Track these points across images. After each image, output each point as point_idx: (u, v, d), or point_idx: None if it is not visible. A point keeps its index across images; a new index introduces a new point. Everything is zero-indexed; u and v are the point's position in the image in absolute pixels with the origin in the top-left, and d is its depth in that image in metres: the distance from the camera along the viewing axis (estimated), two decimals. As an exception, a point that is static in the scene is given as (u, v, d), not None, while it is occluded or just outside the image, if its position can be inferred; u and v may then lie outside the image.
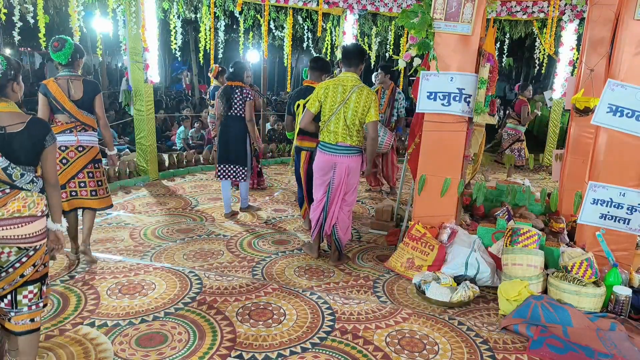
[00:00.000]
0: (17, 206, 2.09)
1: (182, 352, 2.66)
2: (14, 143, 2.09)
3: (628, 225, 3.42)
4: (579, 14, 7.37)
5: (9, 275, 2.09)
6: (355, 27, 8.09)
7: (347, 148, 3.67)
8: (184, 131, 9.31)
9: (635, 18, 3.27)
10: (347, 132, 3.62)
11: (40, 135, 2.16)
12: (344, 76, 3.66)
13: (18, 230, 2.08)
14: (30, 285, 2.19)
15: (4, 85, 2.13)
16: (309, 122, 3.79)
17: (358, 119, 3.60)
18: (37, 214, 2.13)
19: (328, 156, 3.71)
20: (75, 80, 3.53)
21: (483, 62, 3.68)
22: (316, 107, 3.70)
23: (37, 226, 2.14)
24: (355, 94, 3.57)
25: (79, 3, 5.48)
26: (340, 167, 3.69)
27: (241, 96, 4.85)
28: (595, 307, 3.16)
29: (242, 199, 5.32)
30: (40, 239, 2.17)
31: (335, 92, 3.61)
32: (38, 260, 2.17)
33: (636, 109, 3.28)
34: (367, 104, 3.58)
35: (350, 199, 3.85)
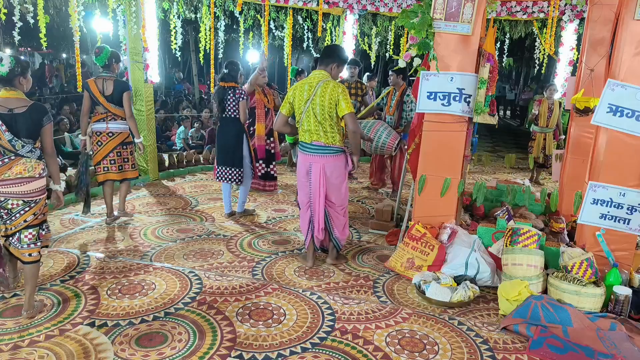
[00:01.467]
0: (20, 169, 2.80)
1: (182, 352, 2.66)
2: (18, 121, 2.77)
3: (628, 225, 3.42)
4: (579, 14, 7.37)
5: (17, 219, 2.88)
6: (355, 27, 8.09)
7: (322, 147, 3.58)
8: (184, 131, 9.31)
9: (635, 18, 3.27)
10: (321, 129, 3.54)
11: (39, 117, 2.83)
12: (312, 74, 3.64)
13: (21, 188, 2.83)
14: (30, 229, 2.93)
15: (12, 78, 2.81)
16: (282, 124, 3.72)
17: (327, 113, 3.50)
18: (35, 175, 2.85)
19: (304, 156, 3.67)
20: (108, 79, 4.45)
21: (483, 62, 3.68)
22: (287, 109, 3.66)
23: (36, 185, 2.87)
24: (320, 89, 3.50)
25: (79, 3, 5.47)
26: (315, 167, 3.61)
27: (234, 97, 4.77)
28: (595, 307, 3.16)
29: (240, 202, 5.21)
30: (38, 195, 2.90)
31: (301, 91, 3.57)
32: (37, 210, 2.93)
33: (636, 109, 3.28)
34: (333, 97, 3.48)
35: (339, 200, 3.75)
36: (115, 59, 4.54)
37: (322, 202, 3.68)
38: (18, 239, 2.92)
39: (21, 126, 2.77)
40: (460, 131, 3.83)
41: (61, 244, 4.17)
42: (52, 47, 20.23)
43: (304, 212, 3.82)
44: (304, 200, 3.78)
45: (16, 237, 2.92)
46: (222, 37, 9.67)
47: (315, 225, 3.76)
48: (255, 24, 9.16)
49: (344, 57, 3.74)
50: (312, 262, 3.88)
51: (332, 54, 3.67)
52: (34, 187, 2.85)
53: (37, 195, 2.89)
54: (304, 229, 3.86)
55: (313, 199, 3.70)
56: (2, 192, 2.80)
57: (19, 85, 2.85)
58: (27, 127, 2.79)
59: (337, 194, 3.72)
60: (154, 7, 6.24)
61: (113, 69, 4.55)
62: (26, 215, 2.88)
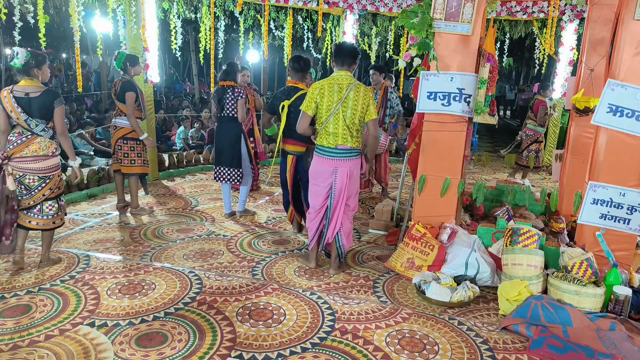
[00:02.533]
0: (35, 148, 3.35)
1: (182, 352, 2.66)
2: (32, 104, 3.33)
3: (628, 225, 3.42)
4: (579, 14, 7.37)
5: (36, 194, 3.42)
6: (355, 27, 8.09)
7: (348, 151, 3.49)
8: (184, 131, 9.31)
9: (635, 18, 3.27)
10: (348, 133, 3.45)
11: (50, 100, 3.36)
12: (337, 75, 3.49)
13: (37, 164, 3.37)
14: (50, 201, 3.51)
15: (28, 69, 3.35)
16: (307, 127, 3.55)
17: (357, 118, 3.44)
18: (49, 154, 3.41)
19: (328, 161, 3.51)
20: (120, 81, 4.83)
21: (483, 62, 3.68)
22: (313, 109, 3.49)
23: (50, 162, 3.43)
24: (352, 92, 3.41)
25: (79, 3, 5.47)
26: (342, 171, 3.51)
27: (233, 96, 4.76)
28: (595, 307, 3.16)
29: (240, 201, 5.19)
30: (53, 171, 3.45)
31: (331, 92, 3.42)
32: (53, 185, 3.48)
33: (636, 109, 3.28)
34: (365, 102, 3.44)
35: (353, 204, 3.72)
36: (130, 62, 4.82)
37: (343, 206, 3.61)
38: (39, 210, 3.48)
39: (35, 108, 3.32)
40: (460, 131, 3.83)
41: (61, 244, 4.16)
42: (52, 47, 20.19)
43: (315, 216, 3.70)
44: (318, 206, 3.66)
45: (37, 209, 3.48)
46: (222, 37, 9.67)
47: (331, 229, 3.65)
48: (255, 24, 9.16)
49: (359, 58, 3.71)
50: (316, 263, 3.84)
51: (354, 54, 3.55)
52: (48, 165, 3.42)
53: (52, 171, 3.45)
54: (312, 230, 3.76)
55: (334, 203, 3.58)
56: (20, 167, 3.33)
57: (34, 74, 3.38)
58: (40, 109, 3.34)
59: (353, 197, 3.68)
60: (154, 7, 6.23)
61: (129, 71, 4.83)
62: (44, 190, 3.44)
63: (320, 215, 3.69)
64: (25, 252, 3.67)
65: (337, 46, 3.62)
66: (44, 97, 3.34)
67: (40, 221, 3.51)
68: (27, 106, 3.31)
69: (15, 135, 3.35)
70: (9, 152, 3.32)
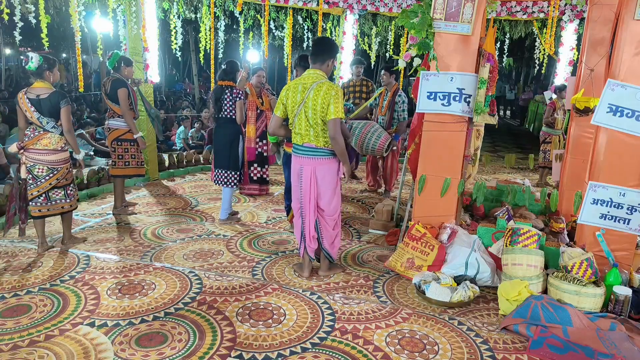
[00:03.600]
0: (45, 142, 3.79)
1: (182, 352, 2.66)
2: (42, 104, 3.75)
3: (628, 225, 3.42)
4: (579, 14, 7.37)
5: (42, 183, 3.82)
6: (355, 27, 8.09)
7: (313, 149, 3.39)
8: (184, 131, 9.31)
9: (635, 18, 3.27)
10: (312, 133, 3.36)
11: (56, 100, 3.77)
12: (306, 74, 3.42)
13: (46, 157, 3.81)
14: (57, 189, 3.91)
15: (41, 72, 3.77)
16: (278, 127, 3.54)
17: (319, 117, 3.30)
18: (58, 148, 3.83)
19: (296, 158, 3.49)
20: (110, 79, 4.85)
21: (483, 62, 3.68)
22: (281, 111, 3.45)
23: (58, 156, 3.85)
24: (313, 91, 3.29)
25: (79, 3, 5.48)
26: (306, 170, 3.43)
27: (231, 97, 4.66)
28: (595, 307, 3.16)
29: (223, 208, 4.93)
30: (60, 164, 3.87)
31: (295, 92, 3.37)
32: (60, 176, 3.88)
33: (636, 109, 3.28)
34: (325, 101, 3.26)
35: (328, 209, 3.52)
36: (124, 63, 4.86)
37: (312, 208, 3.49)
38: (45, 199, 3.87)
39: (44, 108, 3.74)
40: (460, 131, 3.83)
41: (61, 244, 4.16)
42: (52, 47, 20.22)
43: (297, 219, 3.62)
44: (296, 206, 3.59)
45: (42, 198, 3.86)
46: (222, 37, 9.68)
47: (305, 233, 3.55)
48: (255, 24, 9.17)
49: (337, 50, 3.60)
50: (309, 272, 3.68)
51: (327, 49, 3.45)
52: (56, 158, 3.84)
53: (59, 164, 3.87)
54: (297, 236, 3.66)
55: (303, 204, 3.51)
56: (32, 158, 3.80)
57: (46, 77, 3.80)
58: (49, 108, 3.75)
59: (326, 201, 3.50)
60: (154, 7, 6.24)
61: (122, 71, 4.85)
62: (51, 180, 3.84)
63: (301, 220, 3.59)
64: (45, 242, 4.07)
65: (313, 43, 3.54)
66: (51, 98, 3.74)
67: (48, 207, 3.91)
68: (38, 106, 3.74)
69: (31, 130, 3.82)
70: (25, 144, 3.80)
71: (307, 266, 3.68)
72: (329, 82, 3.37)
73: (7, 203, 3.88)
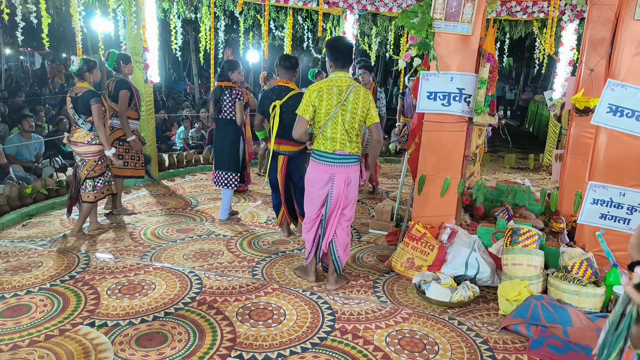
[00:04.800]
0: (77, 135, 4.20)
1: (182, 352, 2.66)
2: (77, 102, 4.13)
3: (628, 225, 3.42)
4: (579, 14, 7.37)
5: (81, 171, 4.27)
6: (355, 27, 8.09)
7: (346, 157, 3.28)
8: (184, 131, 9.31)
9: (635, 18, 3.27)
10: (347, 138, 3.25)
11: (87, 98, 4.10)
12: (336, 77, 3.28)
13: (77, 148, 4.23)
14: (88, 180, 4.27)
15: (81, 74, 4.18)
16: (304, 132, 3.33)
17: (357, 122, 3.25)
18: (84, 142, 4.18)
19: (325, 167, 3.30)
20: (113, 80, 4.95)
21: (483, 62, 3.68)
22: (311, 113, 3.26)
23: (86, 149, 4.21)
24: (352, 95, 3.21)
25: (79, 3, 5.48)
26: (339, 178, 3.29)
27: (230, 97, 4.62)
28: (595, 307, 3.16)
29: (223, 209, 4.93)
30: (87, 156, 4.23)
31: (330, 95, 3.21)
32: (89, 168, 4.25)
33: (636, 109, 3.28)
34: (366, 105, 3.24)
35: (350, 214, 3.48)
36: (123, 61, 4.92)
37: (338, 215, 3.39)
38: (84, 186, 4.29)
39: (79, 105, 4.12)
40: (460, 131, 3.83)
41: (61, 244, 4.17)
42: (52, 47, 20.26)
43: (310, 227, 3.48)
44: (313, 215, 3.44)
45: (82, 185, 4.30)
46: (222, 37, 9.68)
47: (325, 238, 3.44)
48: (255, 24, 9.17)
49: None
50: (315, 276, 3.60)
51: (351, 49, 3.36)
52: (84, 150, 4.21)
53: (87, 156, 4.23)
54: (308, 242, 3.54)
55: (330, 212, 3.37)
56: (72, 148, 4.29)
57: (87, 78, 4.19)
58: (81, 106, 4.11)
59: (350, 207, 3.45)
60: (154, 7, 6.24)
61: (123, 70, 4.93)
62: (84, 170, 4.25)
63: (316, 226, 3.47)
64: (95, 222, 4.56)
65: (334, 45, 3.37)
66: (83, 96, 4.09)
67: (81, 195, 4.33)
68: (75, 103, 4.13)
69: (73, 125, 4.28)
70: (69, 136, 4.27)
71: (314, 271, 3.59)
72: (363, 87, 3.31)
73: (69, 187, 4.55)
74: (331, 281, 3.55)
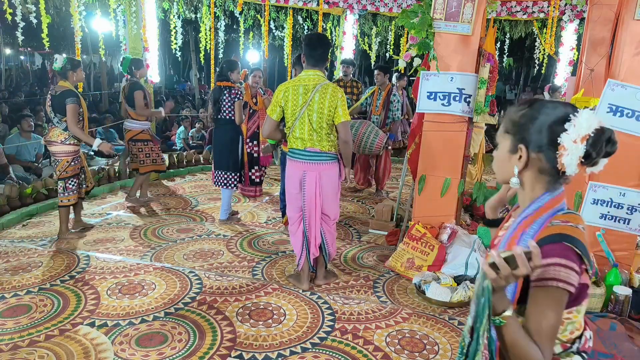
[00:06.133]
0: (51, 134, 4.13)
1: (182, 352, 2.66)
2: (55, 100, 4.08)
3: (628, 225, 3.42)
4: (579, 14, 7.37)
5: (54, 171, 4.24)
6: (355, 27, 8.09)
7: (317, 154, 3.23)
8: (184, 131, 9.30)
9: (635, 18, 3.27)
10: (315, 137, 3.19)
11: (63, 98, 4.04)
12: (305, 75, 3.21)
13: (52, 148, 4.15)
14: (60, 181, 4.18)
15: (64, 72, 4.12)
16: (273, 130, 3.32)
17: (325, 121, 3.15)
18: (58, 141, 4.10)
19: (297, 164, 3.27)
20: (128, 84, 5.15)
21: (483, 62, 3.69)
22: (278, 113, 3.24)
23: (59, 148, 4.12)
24: (318, 94, 3.13)
25: (79, 3, 5.48)
26: (311, 176, 3.24)
27: (230, 97, 4.61)
28: (595, 307, 3.16)
29: (223, 209, 4.92)
30: (60, 156, 4.13)
31: (296, 94, 3.16)
32: (61, 168, 4.15)
33: (636, 109, 3.28)
34: (332, 103, 3.13)
35: (332, 213, 3.41)
36: (134, 66, 5.13)
37: (318, 215, 3.34)
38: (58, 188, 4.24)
39: (56, 104, 4.08)
40: (460, 131, 3.83)
41: (61, 244, 4.17)
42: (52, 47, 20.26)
43: (296, 229, 3.42)
44: (294, 216, 3.40)
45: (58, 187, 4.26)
46: (222, 37, 9.68)
47: (311, 241, 3.37)
48: (255, 24, 9.17)
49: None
50: (308, 284, 3.50)
51: (328, 48, 3.27)
52: (57, 150, 4.13)
53: (60, 156, 4.14)
54: (297, 248, 3.45)
55: (308, 212, 3.32)
56: (48, 147, 4.21)
57: (70, 77, 4.15)
58: (57, 105, 4.07)
59: (331, 206, 3.38)
60: (154, 7, 6.24)
61: (134, 74, 5.13)
62: (57, 169, 4.17)
63: (301, 228, 3.40)
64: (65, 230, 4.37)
65: (309, 41, 3.26)
66: (61, 95, 4.05)
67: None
68: (52, 101, 4.09)
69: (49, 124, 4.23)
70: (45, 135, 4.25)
71: (306, 278, 3.51)
72: (332, 84, 3.22)
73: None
74: (320, 275, 3.56)
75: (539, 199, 1.22)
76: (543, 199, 1.21)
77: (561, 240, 1.13)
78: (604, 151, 1.14)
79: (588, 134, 1.11)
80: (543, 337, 1.11)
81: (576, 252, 1.12)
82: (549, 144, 1.16)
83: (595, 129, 1.12)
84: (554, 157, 1.16)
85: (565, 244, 1.12)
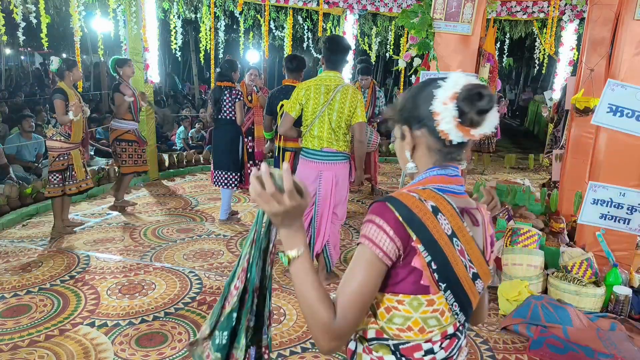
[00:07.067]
0: (47, 130, 4.28)
1: (182, 352, 2.66)
2: (49, 101, 4.26)
3: (628, 225, 3.42)
4: (579, 14, 7.36)
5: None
6: (355, 27, 8.09)
7: (334, 154, 3.29)
8: (184, 131, 9.30)
9: (635, 18, 3.27)
10: (333, 137, 3.26)
11: (51, 95, 4.20)
12: (326, 75, 3.30)
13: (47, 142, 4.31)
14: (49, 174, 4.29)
15: (61, 73, 4.21)
16: (290, 128, 3.37)
17: (344, 121, 3.25)
18: (48, 136, 4.25)
19: (313, 164, 3.32)
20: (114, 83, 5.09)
21: (483, 62, 3.69)
22: (297, 110, 3.30)
23: (48, 143, 4.27)
24: (339, 94, 3.22)
25: (79, 3, 5.48)
26: (327, 175, 3.30)
27: (230, 97, 4.62)
28: (595, 307, 3.16)
29: (223, 209, 4.94)
30: (50, 151, 4.27)
31: (317, 93, 3.24)
32: (49, 161, 4.28)
33: (636, 109, 3.28)
34: (352, 104, 3.24)
35: (341, 213, 3.48)
36: (118, 65, 4.99)
37: (330, 214, 3.37)
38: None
39: (50, 103, 4.28)
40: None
41: (61, 244, 4.17)
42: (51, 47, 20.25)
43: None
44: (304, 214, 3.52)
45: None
46: (222, 37, 9.67)
47: (318, 240, 3.40)
48: (255, 24, 9.17)
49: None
50: None
51: (347, 53, 3.36)
52: (48, 145, 4.30)
53: (49, 151, 4.27)
54: None
55: (320, 211, 3.35)
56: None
57: (67, 77, 4.23)
58: (51, 104, 4.24)
59: (342, 206, 3.44)
60: (154, 7, 6.24)
61: (118, 72, 5.00)
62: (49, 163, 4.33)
63: (307, 226, 3.42)
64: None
65: (331, 45, 3.34)
66: (50, 95, 4.24)
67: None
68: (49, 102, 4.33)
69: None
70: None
71: None
72: (352, 86, 3.32)
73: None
74: (321, 277, 3.55)
75: (425, 172, 1.15)
76: (428, 173, 1.14)
77: (385, 201, 1.06)
78: (478, 107, 1.04)
79: (455, 91, 1.05)
80: (342, 295, 1.03)
81: (395, 217, 1.03)
82: (426, 116, 1.10)
83: (464, 84, 1.06)
84: (434, 128, 1.09)
85: (386, 204, 1.04)
